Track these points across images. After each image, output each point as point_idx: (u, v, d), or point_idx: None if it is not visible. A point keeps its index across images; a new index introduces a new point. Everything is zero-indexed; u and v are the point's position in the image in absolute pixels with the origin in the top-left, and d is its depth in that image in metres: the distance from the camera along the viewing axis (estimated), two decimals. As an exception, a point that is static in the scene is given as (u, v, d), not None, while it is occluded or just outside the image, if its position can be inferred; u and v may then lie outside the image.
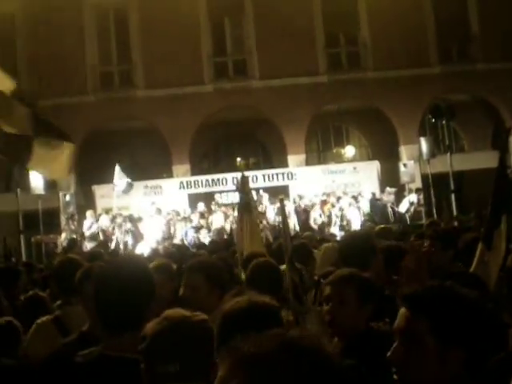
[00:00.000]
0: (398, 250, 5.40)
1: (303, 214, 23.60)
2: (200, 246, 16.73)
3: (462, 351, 2.04)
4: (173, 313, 2.57)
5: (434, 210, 23.28)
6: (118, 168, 23.11)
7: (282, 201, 6.12)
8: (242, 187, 8.84)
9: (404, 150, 27.44)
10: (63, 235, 23.64)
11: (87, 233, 23.40)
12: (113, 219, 23.62)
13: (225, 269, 3.77)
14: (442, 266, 5.84)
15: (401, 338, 2.14)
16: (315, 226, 22.98)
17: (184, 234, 22.99)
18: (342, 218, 23.08)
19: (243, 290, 5.21)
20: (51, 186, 25.80)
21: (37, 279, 9.29)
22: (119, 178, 22.98)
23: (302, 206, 23.98)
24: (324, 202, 24.04)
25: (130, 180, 23.37)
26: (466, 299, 2.14)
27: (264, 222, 21.01)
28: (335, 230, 21.90)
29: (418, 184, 25.84)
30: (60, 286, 5.06)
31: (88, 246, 22.20)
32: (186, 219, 23.69)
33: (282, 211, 6.14)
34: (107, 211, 24.33)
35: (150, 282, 2.97)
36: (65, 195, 25.77)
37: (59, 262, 5.48)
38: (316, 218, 23.41)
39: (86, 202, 26.50)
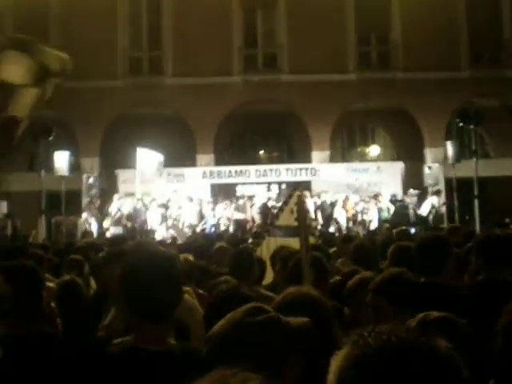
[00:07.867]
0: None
1: (327, 210, 23.56)
2: (219, 236, 16.71)
3: None
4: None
5: (457, 215, 23.14)
6: (140, 152, 22.89)
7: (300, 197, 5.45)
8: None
9: (429, 153, 27.29)
10: (83, 216, 23.71)
11: (114, 217, 23.36)
12: (139, 204, 23.52)
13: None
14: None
15: None
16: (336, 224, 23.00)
17: (204, 223, 23.11)
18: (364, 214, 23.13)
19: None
20: (75, 167, 25.94)
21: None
22: (144, 162, 22.85)
23: (328, 202, 23.90)
24: (346, 200, 23.96)
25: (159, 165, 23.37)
26: None
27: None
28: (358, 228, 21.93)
29: (442, 187, 25.67)
30: None
31: (112, 229, 22.27)
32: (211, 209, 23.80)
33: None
34: (130, 196, 24.40)
35: (178, 271, 2.80)
36: (88, 177, 25.93)
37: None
38: (340, 214, 23.35)
39: (108, 185, 26.61)
